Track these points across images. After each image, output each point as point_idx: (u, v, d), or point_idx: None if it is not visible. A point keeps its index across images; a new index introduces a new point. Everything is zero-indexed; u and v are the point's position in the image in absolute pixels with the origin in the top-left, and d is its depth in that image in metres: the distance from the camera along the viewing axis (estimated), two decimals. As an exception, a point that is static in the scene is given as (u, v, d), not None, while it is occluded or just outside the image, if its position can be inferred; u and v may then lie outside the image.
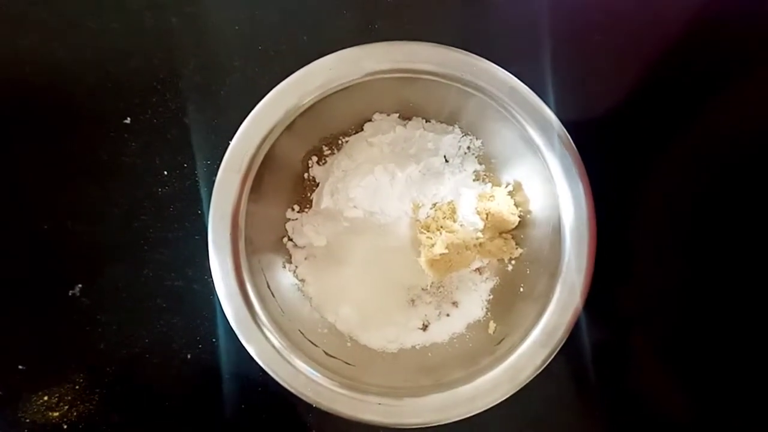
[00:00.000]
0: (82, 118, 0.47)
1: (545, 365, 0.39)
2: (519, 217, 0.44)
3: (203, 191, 0.46)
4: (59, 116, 0.47)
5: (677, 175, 0.48)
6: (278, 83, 0.40)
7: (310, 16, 0.47)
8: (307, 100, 0.40)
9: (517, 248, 0.45)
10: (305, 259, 0.45)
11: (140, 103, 0.47)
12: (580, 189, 0.40)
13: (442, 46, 0.40)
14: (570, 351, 0.47)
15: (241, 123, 0.40)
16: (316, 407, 0.39)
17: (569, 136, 0.40)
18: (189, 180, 0.47)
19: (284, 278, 0.45)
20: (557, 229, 0.41)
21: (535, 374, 0.39)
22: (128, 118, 0.47)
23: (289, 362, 0.39)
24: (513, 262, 0.45)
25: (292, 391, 0.39)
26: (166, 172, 0.47)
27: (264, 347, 0.39)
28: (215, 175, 0.39)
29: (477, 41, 0.47)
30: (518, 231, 0.46)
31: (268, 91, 0.40)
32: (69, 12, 0.47)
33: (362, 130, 0.46)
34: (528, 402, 0.46)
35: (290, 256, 0.45)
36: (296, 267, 0.45)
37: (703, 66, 0.48)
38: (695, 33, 0.48)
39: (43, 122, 0.47)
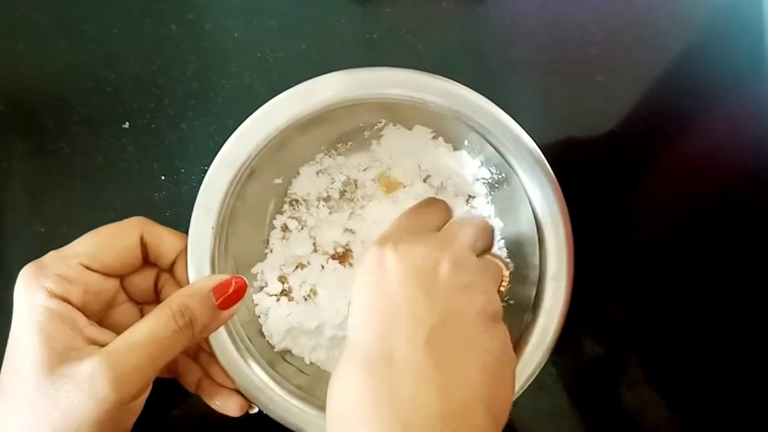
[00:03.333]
0: (80, 122, 0.47)
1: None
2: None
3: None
4: (57, 120, 0.47)
5: (668, 193, 0.48)
6: (276, 91, 0.40)
7: (308, 25, 0.47)
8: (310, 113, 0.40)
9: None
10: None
11: (138, 108, 0.47)
12: (557, 210, 0.40)
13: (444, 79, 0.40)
14: (562, 364, 0.47)
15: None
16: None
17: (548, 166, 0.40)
18: (186, 185, 0.47)
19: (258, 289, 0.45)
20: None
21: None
22: (126, 123, 0.47)
23: (247, 364, 0.39)
24: None
25: (245, 394, 0.39)
26: (163, 177, 0.47)
27: (226, 348, 0.39)
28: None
29: (473, 52, 0.48)
30: None
31: (266, 99, 0.40)
32: (68, 17, 0.48)
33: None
34: (517, 415, 0.47)
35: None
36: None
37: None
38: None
39: (40, 126, 0.47)
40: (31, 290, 0.34)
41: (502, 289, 0.39)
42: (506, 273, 0.39)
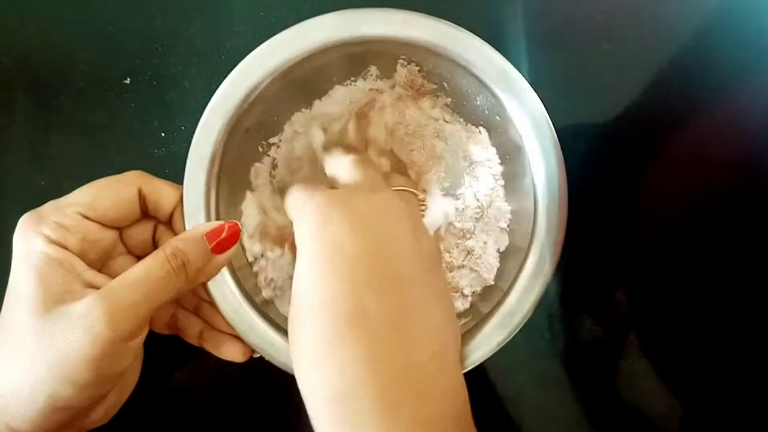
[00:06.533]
0: (82, 77, 0.48)
1: (500, 347, 0.39)
2: None
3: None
4: (60, 75, 0.48)
5: (672, 178, 0.48)
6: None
7: (312, -16, 0.47)
8: (302, 55, 0.39)
9: None
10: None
11: (141, 65, 0.47)
12: (555, 168, 0.39)
13: (439, 20, 0.40)
14: (557, 352, 0.48)
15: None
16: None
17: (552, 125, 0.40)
18: (186, 143, 0.46)
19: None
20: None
21: (489, 355, 0.39)
22: (128, 79, 0.47)
23: (246, 312, 0.39)
24: None
25: (245, 340, 0.39)
26: (163, 134, 0.47)
27: (227, 296, 0.39)
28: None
29: (477, 17, 0.47)
30: None
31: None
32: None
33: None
34: (511, 382, 0.47)
35: None
36: None
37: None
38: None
39: (43, 80, 0.48)
40: (29, 236, 0.34)
41: (423, 211, 0.39)
42: (420, 195, 0.38)
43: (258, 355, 0.40)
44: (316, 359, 0.30)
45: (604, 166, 0.47)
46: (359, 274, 0.31)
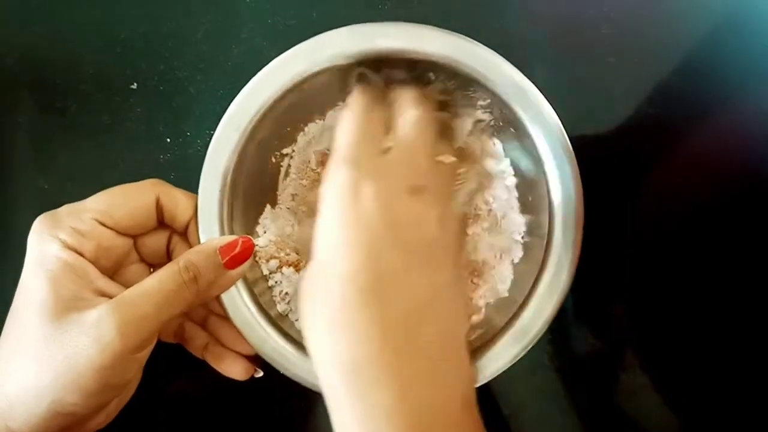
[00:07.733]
0: (88, 80, 0.47)
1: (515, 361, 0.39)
2: None
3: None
4: (66, 77, 0.48)
5: (676, 191, 0.48)
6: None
7: (320, -8, 0.47)
8: (315, 69, 0.39)
9: None
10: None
11: (147, 69, 0.47)
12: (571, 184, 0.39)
13: (454, 33, 0.40)
14: (557, 366, 0.48)
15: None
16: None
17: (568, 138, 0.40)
18: (191, 149, 0.47)
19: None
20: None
21: (504, 369, 0.39)
22: (134, 84, 0.47)
23: (260, 326, 0.39)
24: None
25: (260, 354, 0.39)
26: (168, 140, 0.47)
27: (239, 308, 0.39)
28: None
29: (485, 25, 0.47)
30: None
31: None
32: (81, -26, 0.48)
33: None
34: (512, 391, 0.47)
35: None
36: None
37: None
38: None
39: (49, 82, 0.48)
40: (45, 240, 0.34)
41: (459, 184, 0.38)
42: (461, 169, 0.37)
43: (260, 375, 0.40)
44: (333, 328, 0.31)
45: (607, 179, 0.47)
46: (384, 252, 0.31)
